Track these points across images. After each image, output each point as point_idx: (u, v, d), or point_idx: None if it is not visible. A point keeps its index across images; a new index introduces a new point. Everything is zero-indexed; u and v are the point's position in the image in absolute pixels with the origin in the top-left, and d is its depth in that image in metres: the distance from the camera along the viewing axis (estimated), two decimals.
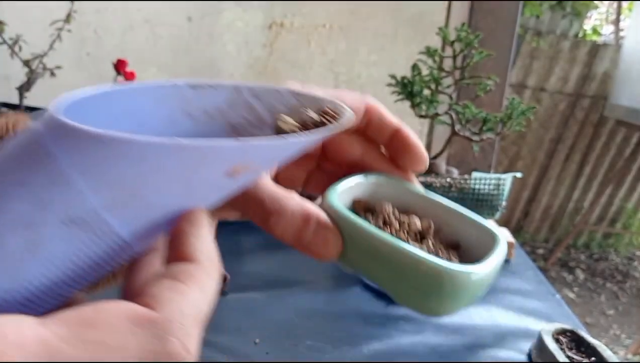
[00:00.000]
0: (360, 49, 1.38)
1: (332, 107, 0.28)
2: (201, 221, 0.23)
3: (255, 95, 0.29)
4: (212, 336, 0.52)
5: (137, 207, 0.21)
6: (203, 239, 0.22)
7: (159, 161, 0.20)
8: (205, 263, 0.21)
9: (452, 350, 0.55)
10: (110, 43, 1.34)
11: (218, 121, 0.29)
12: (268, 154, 0.23)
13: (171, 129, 0.27)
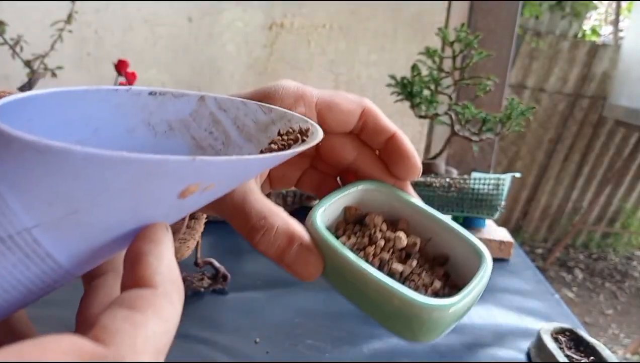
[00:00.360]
0: (360, 49, 1.38)
1: (302, 126, 0.26)
2: (161, 239, 0.20)
3: (221, 107, 0.27)
4: (212, 335, 0.53)
5: (76, 227, 0.18)
6: (163, 259, 0.20)
7: (100, 175, 0.17)
8: (165, 287, 0.19)
9: (451, 350, 0.55)
10: (111, 43, 1.34)
11: (180, 134, 0.26)
12: (224, 174, 0.20)
13: (128, 139, 0.25)
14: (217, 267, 0.62)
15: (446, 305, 0.24)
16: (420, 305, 0.24)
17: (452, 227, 0.29)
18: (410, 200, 0.30)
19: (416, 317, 0.24)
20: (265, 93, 0.29)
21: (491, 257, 0.27)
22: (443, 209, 0.85)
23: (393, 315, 0.25)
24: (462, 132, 0.87)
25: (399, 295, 0.24)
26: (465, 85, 0.88)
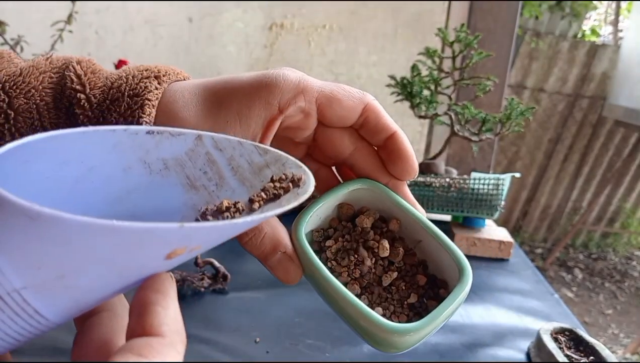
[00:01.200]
0: (360, 50, 1.38)
1: (295, 173, 0.26)
2: (167, 289, 0.21)
3: (217, 146, 0.27)
4: (212, 335, 0.53)
5: (65, 289, 0.19)
6: (169, 309, 0.20)
7: (90, 242, 0.17)
8: (172, 337, 0.20)
9: (451, 349, 0.55)
10: (111, 43, 1.34)
11: (175, 173, 0.27)
12: (211, 237, 0.21)
13: (124, 178, 0.25)
14: (217, 267, 0.62)
15: (408, 330, 0.26)
16: (384, 328, 0.26)
17: (440, 235, 0.31)
18: (404, 204, 0.31)
19: (382, 338, 0.26)
20: (266, 83, 0.29)
21: (470, 271, 0.29)
22: (443, 209, 0.85)
23: (362, 332, 0.27)
24: (461, 133, 0.87)
25: (368, 319, 0.26)
26: (465, 85, 0.88)
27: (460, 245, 0.84)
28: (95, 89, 0.29)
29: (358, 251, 0.29)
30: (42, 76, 0.28)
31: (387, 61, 1.39)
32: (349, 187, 0.31)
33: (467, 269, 0.29)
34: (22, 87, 0.28)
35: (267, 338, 0.53)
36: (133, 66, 0.31)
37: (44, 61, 0.29)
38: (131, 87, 0.29)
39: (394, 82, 0.88)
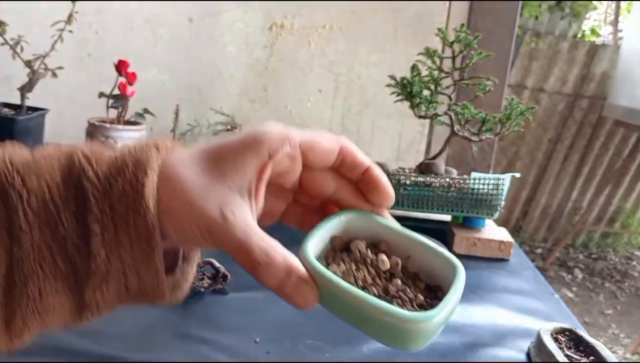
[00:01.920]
0: (360, 50, 1.39)
1: None
2: None
3: None
4: (212, 335, 0.53)
5: None
6: None
7: None
8: None
9: (451, 349, 0.55)
10: (111, 44, 1.34)
11: None
12: None
13: None
14: (217, 267, 0.62)
15: (431, 316, 0.28)
16: (409, 318, 0.28)
17: (427, 243, 0.34)
18: (388, 223, 0.35)
19: (406, 329, 0.28)
20: (254, 136, 0.32)
21: (463, 268, 0.32)
22: (443, 209, 0.86)
23: (386, 330, 0.29)
24: (461, 133, 0.87)
25: (390, 313, 0.28)
26: (465, 85, 0.88)
27: (460, 245, 0.84)
28: (102, 163, 0.31)
29: (360, 269, 0.32)
30: (52, 159, 0.32)
31: (388, 61, 1.39)
32: (339, 217, 0.34)
33: (459, 266, 0.32)
34: (34, 168, 0.31)
35: (267, 338, 0.53)
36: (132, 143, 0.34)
37: (52, 148, 0.33)
38: (134, 157, 0.31)
39: (394, 82, 0.88)
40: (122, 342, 0.50)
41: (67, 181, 0.31)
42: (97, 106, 1.25)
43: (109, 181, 0.30)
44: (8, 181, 0.30)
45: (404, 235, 0.35)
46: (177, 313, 0.56)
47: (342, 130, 1.42)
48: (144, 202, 0.30)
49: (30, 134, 0.99)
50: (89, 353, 0.48)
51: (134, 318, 0.54)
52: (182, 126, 0.91)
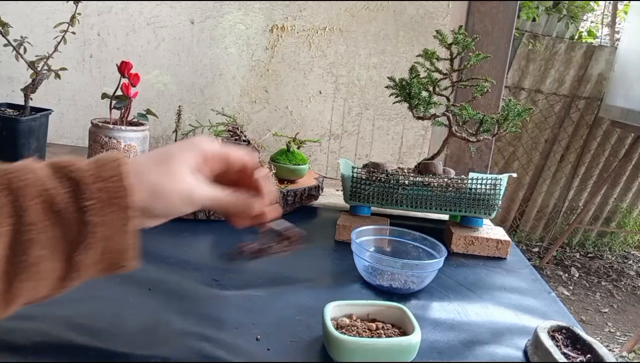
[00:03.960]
0: (360, 52, 1.39)
1: None
2: None
3: None
4: (213, 332, 0.53)
5: None
6: None
7: None
8: None
9: (449, 347, 0.56)
10: (113, 45, 1.35)
11: None
12: None
13: None
14: (279, 230, 0.55)
15: (412, 339, 0.52)
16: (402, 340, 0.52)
17: (376, 302, 0.58)
18: (355, 302, 0.59)
19: (407, 345, 0.51)
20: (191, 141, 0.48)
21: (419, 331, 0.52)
22: (441, 208, 0.86)
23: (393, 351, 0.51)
24: (459, 133, 0.88)
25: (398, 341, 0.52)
26: (463, 87, 0.89)
27: (458, 243, 0.85)
28: (80, 163, 0.42)
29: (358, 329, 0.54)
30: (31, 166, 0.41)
31: (388, 63, 1.40)
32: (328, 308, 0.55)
33: (416, 325, 0.53)
34: (26, 169, 0.41)
35: (268, 335, 0.54)
36: None
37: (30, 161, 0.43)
38: (110, 157, 0.43)
39: (393, 84, 0.89)
40: (123, 339, 0.50)
41: (58, 175, 0.41)
42: (99, 107, 1.25)
43: (96, 171, 0.41)
44: (8, 178, 0.39)
45: (376, 305, 0.58)
46: (179, 311, 0.57)
47: (342, 131, 1.43)
48: (126, 182, 0.41)
49: (33, 134, 0.99)
50: (90, 351, 0.48)
51: (136, 316, 0.55)
52: (184, 126, 0.92)
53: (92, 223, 0.40)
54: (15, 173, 0.40)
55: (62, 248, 0.41)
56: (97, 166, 0.42)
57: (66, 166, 0.42)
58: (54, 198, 0.40)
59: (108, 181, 0.41)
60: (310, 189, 0.97)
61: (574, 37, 3.29)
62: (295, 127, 1.42)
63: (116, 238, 0.42)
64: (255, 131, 1.41)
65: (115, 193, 0.41)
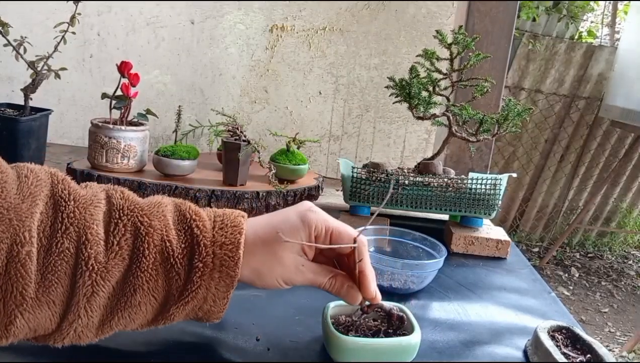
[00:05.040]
0: (361, 52, 1.39)
1: None
2: None
3: None
4: (213, 333, 0.53)
5: None
6: None
7: None
8: None
9: (449, 347, 0.56)
10: (113, 45, 1.35)
11: None
12: None
13: None
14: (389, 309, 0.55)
15: (411, 339, 0.51)
16: (408, 338, 0.51)
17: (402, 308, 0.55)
18: None
19: (407, 345, 0.51)
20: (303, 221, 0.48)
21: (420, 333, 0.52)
22: (441, 208, 0.87)
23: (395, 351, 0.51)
24: (459, 133, 0.88)
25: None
26: (463, 87, 0.89)
27: (458, 243, 0.85)
28: (204, 220, 0.45)
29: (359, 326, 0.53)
30: (160, 206, 0.45)
31: (390, 64, 1.40)
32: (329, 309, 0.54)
33: (416, 326, 0.52)
34: (153, 212, 0.44)
35: (268, 336, 0.54)
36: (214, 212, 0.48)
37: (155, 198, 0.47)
38: (231, 221, 0.46)
39: (393, 84, 0.89)
40: (124, 339, 0.50)
41: (181, 227, 0.45)
42: (99, 107, 1.25)
43: (214, 234, 0.45)
44: (139, 219, 0.43)
45: None
46: None
47: (343, 133, 1.43)
48: (239, 253, 0.44)
49: (33, 134, 0.99)
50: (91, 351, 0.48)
51: None
52: (184, 126, 0.92)
53: (198, 284, 0.43)
54: (145, 216, 0.43)
55: (163, 298, 0.43)
56: (219, 227, 0.45)
57: (192, 218, 0.45)
58: (171, 253, 0.43)
59: (224, 248, 0.44)
60: (310, 189, 0.97)
61: (574, 37, 3.29)
62: (295, 127, 1.42)
63: (215, 302, 0.45)
64: (255, 131, 1.41)
65: (227, 261, 0.44)
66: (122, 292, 0.41)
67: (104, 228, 0.42)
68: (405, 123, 1.42)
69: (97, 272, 0.40)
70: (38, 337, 0.41)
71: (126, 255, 0.41)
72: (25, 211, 0.38)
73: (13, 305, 0.37)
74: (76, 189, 0.43)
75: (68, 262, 0.39)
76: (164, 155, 0.88)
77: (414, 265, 0.67)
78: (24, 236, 0.37)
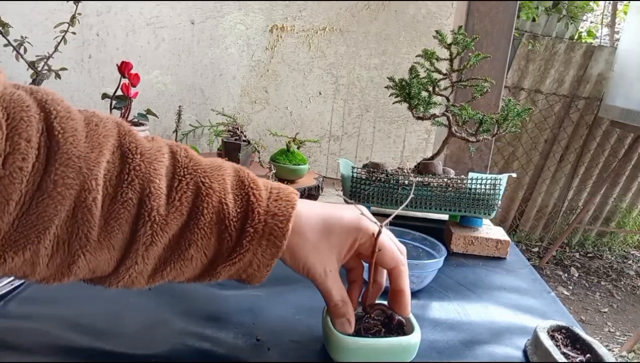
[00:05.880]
0: (361, 53, 1.39)
1: None
2: None
3: None
4: (213, 332, 0.53)
5: None
6: None
7: None
8: None
9: (448, 346, 0.56)
10: (112, 45, 1.35)
11: None
12: None
13: None
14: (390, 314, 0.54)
15: (411, 339, 0.51)
16: (402, 340, 0.51)
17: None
18: None
19: (407, 344, 0.50)
20: (356, 227, 0.49)
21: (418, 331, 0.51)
22: (440, 208, 0.87)
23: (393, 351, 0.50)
24: (459, 133, 0.88)
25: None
26: (463, 87, 0.89)
27: (457, 243, 0.85)
28: (261, 190, 0.47)
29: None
30: (221, 169, 0.47)
31: (390, 64, 1.40)
32: None
33: (417, 326, 0.51)
34: (214, 174, 0.46)
35: (268, 336, 0.54)
36: (270, 184, 0.50)
37: (215, 160, 0.48)
38: (286, 195, 0.48)
39: (392, 84, 0.89)
40: (123, 339, 0.50)
41: (239, 192, 0.47)
42: (98, 107, 1.25)
43: (268, 204, 0.46)
44: (201, 179, 0.45)
45: None
46: (179, 311, 0.57)
47: (342, 133, 1.43)
48: (289, 225, 0.46)
49: None
50: (91, 351, 0.48)
51: (136, 316, 0.55)
52: (184, 126, 0.92)
53: (246, 248, 0.45)
54: (207, 177, 0.45)
55: (212, 255, 0.45)
56: (274, 198, 0.47)
57: (249, 186, 0.47)
58: (227, 215, 0.45)
59: (275, 218, 0.46)
60: (310, 189, 0.97)
61: (574, 37, 3.29)
62: (295, 128, 1.42)
63: (259, 267, 0.47)
64: (255, 131, 1.41)
65: (276, 231, 0.45)
66: (177, 245, 0.43)
67: (167, 183, 0.44)
68: (405, 123, 1.42)
69: (157, 223, 0.42)
70: (94, 278, 0.43)
71: (185, 211, 0.43)
72: (94, 160, 0.40)
73: (77, 246, 0.39)
74: (142, 142, 0.45)
75: (130, 212, 0.41)
76: None
77: (413, 265, 0.67)
78: (91, 184, 0.39)
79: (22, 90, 0.40)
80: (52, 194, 0.38)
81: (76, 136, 0.40)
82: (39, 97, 0.40)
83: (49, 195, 0.38)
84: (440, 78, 0.88)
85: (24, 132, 0.37)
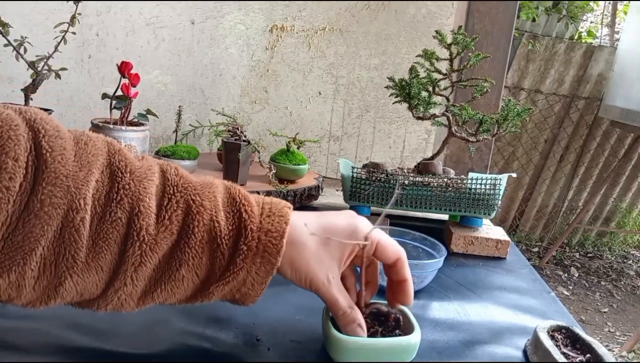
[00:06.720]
0: (361, 53, 1.39)
1: None
2: None
3: None
4: (213, 333, 0.53)
5: None
6: None
7: None
8: None
9: (448, 346, 0.56)
10: (112, 46, 1.34)
11: None
12: None
13: None
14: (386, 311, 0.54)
15: (411, 339, 0.51)
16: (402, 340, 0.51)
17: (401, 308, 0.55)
18: None
19: (407, 345, 0.50)
20: (354, 232, 0.49)
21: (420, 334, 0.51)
22: (440, 208, 0.87)
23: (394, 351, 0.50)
24: (459, 133, 0.88)
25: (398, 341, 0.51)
26: (463, 87, 0.89)
27: (457, 243, 0.85)
28: (252, 206, 0.46)
29: None
30: (212, 187, 0.46)
31: (390, 64, 1.40)
32: None
33: (417, 326, 0.51)
34: (205, 192, 0.45)
35: (268, 336, 0.54)
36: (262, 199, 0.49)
37: (205, 178, 0.48)
38: (278, 210, 0.47)
39: (392, 84, 0.89)
40: (124, 339, 0.50)
41: (230, 209, 0.46)
42: (97, 108, 1.25)
43: (261, 221, 0.45)
44: (191, 197, 0.44)
45: None
46: (179, 311, 0.57)
47: (342, 133, 1.43)
48: (282, 242, 0.45)
49: None
50: (91, 351, 0.48)
51: (136, 316, 0.54)
52: (184, 126, 0.92)
53: (240, 266, 0.44)
54: (197, 195, 0.44)
55: (205, 275, 0.44)
56: (266, 214, 0.46)
57: (241, 203, 0.46)
58: (218, 233, 0.44)
59: (269, 235, 0.45)
60: (310, 189, 0.97)
61: (574, 37, 3.29)
62: (294, 128, 1.42)
63: (253, 286, 0.46)
64: (255, 131, 1.41)
65: (270, 248, 0.44)
66: (168, 265, 0.42)
67: (157, 202, 0.43)
68: (405, 123, 1.42)
69: (146, 243, 0.41)
70: (83, 301, 0.42)
71: (175, 230, 0.42)
72: (82, 179, 0.39)
73: (64, 267, 0.38)
74: (132, 161, 0.44)
75: (119, 231, 0.40)
76: (165, 155, 0.88)
77: (413, 265, 0.67)
78: (79, 203, 0.38)
79: (10, 110, 0.39)
80: (39, 214, 0.37)
81: (64, 154, 0.39)
82: (28, 116, 0.39)
83: (36, 215, 0.37)
84: (440, 78, 0.88)
85: (12, 151, 0.36)
